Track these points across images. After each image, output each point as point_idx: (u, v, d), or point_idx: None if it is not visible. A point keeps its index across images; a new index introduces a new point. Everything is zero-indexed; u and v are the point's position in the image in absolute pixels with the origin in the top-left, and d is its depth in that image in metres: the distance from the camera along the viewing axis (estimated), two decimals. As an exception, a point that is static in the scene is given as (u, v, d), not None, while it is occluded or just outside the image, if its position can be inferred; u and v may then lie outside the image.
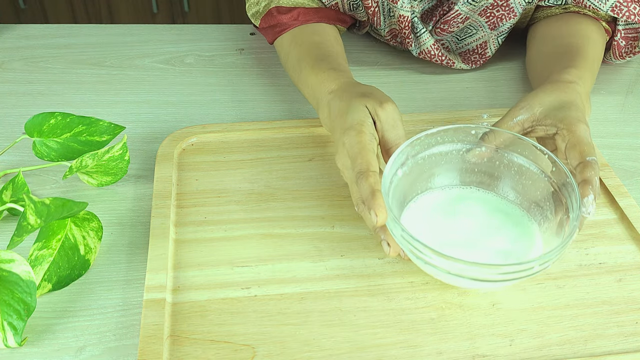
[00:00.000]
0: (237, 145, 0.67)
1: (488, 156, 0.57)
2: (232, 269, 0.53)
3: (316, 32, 0.74)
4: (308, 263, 0.54)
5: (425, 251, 0.46)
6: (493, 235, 0.53)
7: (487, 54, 0.83)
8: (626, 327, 0.49)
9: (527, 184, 0.56)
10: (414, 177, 0.56)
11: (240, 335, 0.48)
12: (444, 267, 0.47)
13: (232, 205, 0.59)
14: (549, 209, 0.53)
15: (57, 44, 0.88)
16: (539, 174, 0.55)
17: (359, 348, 0.47)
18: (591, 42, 0.72)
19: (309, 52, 0.70)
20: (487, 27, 0.80)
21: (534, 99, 0.60)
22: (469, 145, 0.57)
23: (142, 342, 0.46)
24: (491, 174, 0.58)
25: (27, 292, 0.47)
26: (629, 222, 0.58)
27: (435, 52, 0.80)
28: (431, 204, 0.56)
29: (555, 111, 0.58)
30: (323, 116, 0.62)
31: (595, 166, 0.53)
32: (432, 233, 0.53)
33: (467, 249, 0.52)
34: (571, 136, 0.55)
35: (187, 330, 0.48)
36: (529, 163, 0.56)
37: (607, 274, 0.54)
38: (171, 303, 0.50)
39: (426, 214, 0.55)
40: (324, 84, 0.63)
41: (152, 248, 0.54)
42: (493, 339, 0.48)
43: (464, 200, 0.57)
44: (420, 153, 0.56)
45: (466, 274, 0.46)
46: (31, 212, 0.47)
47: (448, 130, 0.56)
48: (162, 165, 0.63)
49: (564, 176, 0.52)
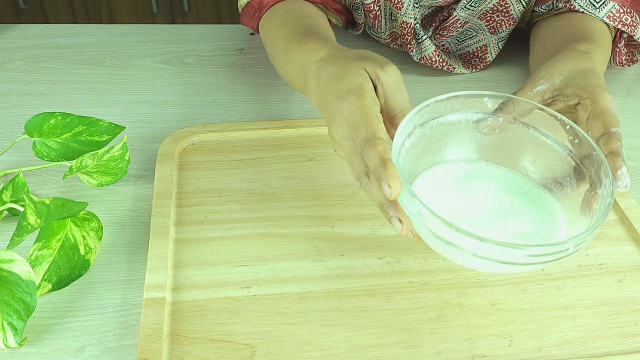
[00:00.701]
0: (238, 145, 0.67)
1: (500, 127, 0.52)
2: (232, 268, 0.53)
3: (305, 15, 0.69)
4: (308, 263, 0.54)
5: (447, 230, 0.41)
6: (511, 216, 0.49)
7: (488, 59, 0.83)
8: (626, 328, 0.49)
9: (546, 157, 0.51)
10: (420, 149, 0.51)
11: (240, 335, 0.48)
12: (468, 248, 0.42)
13: (233, 205, 0.60)
14: (569, 185, 0.49)
15: (57, 44, 0.88)
16: (558, 147, 0.50)
17: (358, 348, 0.47)
18: (597, 32, 0.70)
19: (296, 31, 0.64)
20: (487, 30, 0.80)
21: (552, 68, 0.57)
22: (482, 114, 0.52)
23: (142, 341, 0.46)
24: (504, 147, 0.53)
25: (27, 292, 0.47)
26: (630, 223, 0.58)
27: (437, 58, 0.80)
28: (440, 180, 0.51)
29: (577, 79, 0.55)
30: (311, 87, 0.55)
31: (620, 136, 0.50)
32: (443, 212, 0.44)
33: (483, 230, 0.45)
34: (594, 106, 0.52)
35: (186, 329, 0.48)
36: (546, 135, 0.51)
37: (607, 275, 0.54)
38: (171, 302, 0.50)
39: (435, 191, 0.50)
40: (311, 54, 0.57)
41: (152, 247, 0.54)
42: (492, 339, 0.48)
43: (477, 176, 0.52)
44: (429, 122, 0.50)
45: (495, 256, 0.41)
46: (31, 212, 0.47)
47: (459, 97, 0.51)
48: (163, 164, 0.63)
49: (588, 149, 0.47)
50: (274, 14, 0.72)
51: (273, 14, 0.72)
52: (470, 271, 0.54)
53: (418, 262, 0.54)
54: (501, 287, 0.52)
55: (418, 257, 0.55)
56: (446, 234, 0.42)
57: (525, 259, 0.42)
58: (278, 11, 0.71)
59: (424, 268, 0.54)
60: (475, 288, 0.52)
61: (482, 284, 0.53)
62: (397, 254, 0.55)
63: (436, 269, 0.54)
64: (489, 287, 0.52)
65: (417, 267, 0.54)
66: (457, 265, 0.54)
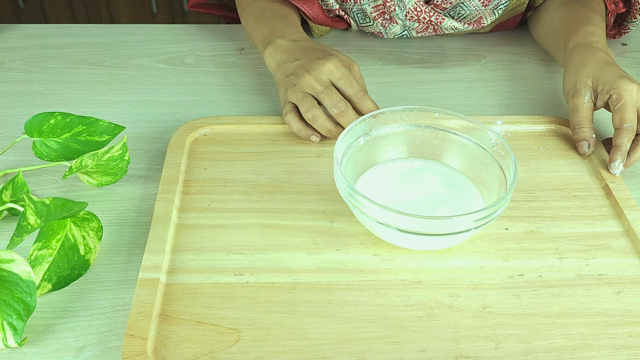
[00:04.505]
0: (249, 138, 0.68)
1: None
2: (228, 255, 0.54)
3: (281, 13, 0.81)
4: (303, 255, 0.55)
5: (376, 209, 0.50)
6: (438, 204, 0.57)
7: (483, 23, 0.84)
8: (618, 340, 0.48)
9: (463, 152, 0.61)
10: (363, 153, 0.60)
11: (228, 319, 0.49)
12: (394, 224, 0.50)
13: (236, 195, 0.61)
14: (485, 172, 0.59)
15: (57, 44, 0.88)
16: (472, 144, 0.60)
17: (343, 340, 0.48)
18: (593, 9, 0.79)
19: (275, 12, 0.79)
20: (481, 4, 0.81)
21: (579, 76, 0.67)
22: (410, 125, 0.62)
23: (131, 319, 0.47)
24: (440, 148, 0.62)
25: (27, 292, 0.47)
26: (635, 235, 0.57)
27: (422, 8, 0.81)
28: (381, 175, 0.61)
29: (601, 76, 0.66)
30: (280, 48, 0.71)
31: (631, 130, 0.63)
32: (384, 196, 0.57)
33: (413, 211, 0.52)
34: (618, 101, 0.64)
35: (176, 310, 0.49)
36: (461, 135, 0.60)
37: (606, 286, 0.53)
38: (165, 283, 0.51)
39: (376, 184, 0.59)
40: (291, 27, 0.74)
41: (153, 230, 0.55)
42: (479, 341, 0.48)
43: (422, 171, 0.61)
44: (373, 131, 0.61)
45: (416, 229, 0.50)
46: (31, 212, 0.47)
47: (405, 109, 0.61)
48: (173, 152, 0.64)
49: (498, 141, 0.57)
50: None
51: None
52: (465, 273, 0.53)
53: (413, 261, 0.54)
54: (494, 291, 0.52)
55: (414, 256, 0.55)
56: (375, 213, 0.50)
57: (443, 228, 0.50)
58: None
59: (418, 267, 0.54)
60: (468, 290, 0.52)
61: (475, 286, 0.52)
62: (393, 252, 0.55)
63: (431, 269, 0.54)
64: (482, 289, 0.52)
65: (412, 265, 0.54)
66: (453, 266, 0.54)
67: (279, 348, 0.47)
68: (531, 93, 0.80)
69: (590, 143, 0.65)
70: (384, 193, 0.58)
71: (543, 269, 0.54)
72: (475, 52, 0.89)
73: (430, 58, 0.87)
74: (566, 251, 0.56)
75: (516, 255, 0.55)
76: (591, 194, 0.62)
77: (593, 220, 0.59)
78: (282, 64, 0.70)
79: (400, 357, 0.47)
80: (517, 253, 0.55)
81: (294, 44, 0.71)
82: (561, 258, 0.55)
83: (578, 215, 0.59)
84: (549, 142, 0.69)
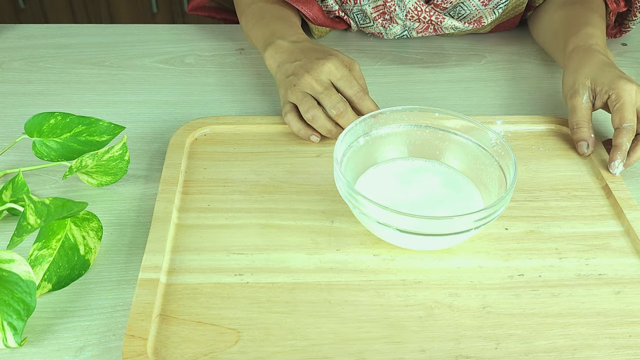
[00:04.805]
0: (249, 138, 0.68)
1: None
2: (228, 255, 0.54)
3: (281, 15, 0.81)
4: (303, 255, 0.55)
5: (375, 209, 0.50)
6: (437, 200, 0.57)
7: (483, 22, 0.84)
8: (618, 340, 0.48)
9: (463, 152, 0.61)
10: (363, 153, 0.61)
11: (228, 319, 0.49)
12: (394, 224, 0.50)
13: (236, 195, 0.61)
14: (485, 173, 0.59)
15: (57, 44, 0.88)
16: (472, 144, 0.60)
17: (342, 340, 0.48)
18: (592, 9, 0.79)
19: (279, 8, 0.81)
20: (481, 4, 0.81)
21: (578, 77, 0.68)
22: (410, 126, 0.62)
23: (132, 319, 0.47)
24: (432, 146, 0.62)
25: (27, 292, 0.46)
26: (635, 235, 0.57)
27: (422, 8, 0.81)
28: (380, 174, 0.61)
29: (599, 77, 0.66)
30: (281, 48, 0.71)
31: (630, 130, 0.63)
32: (384, 195, 0.57)
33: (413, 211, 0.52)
34: (617, 101, 0.64)
35: (176, 310, 0.49)
36: (461, 135, 0.60)
37: (606, 286, 0.53)
38: (165, 284, 0.51)
39: (376, 184, 0.59)
40: (292, 29, 0.74)
41: (153, 230, 0.55)
42: (479, 341, 0.48)
43: (422, 171, 0.61)
44: (373, 131, 0.61)
45: (415, 229, 0.50)
46: (31, 212, 0.47)
47: (405, 109, 0.61)
48: (173, 152, 0.64)
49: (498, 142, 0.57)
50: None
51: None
52: (465, 273, 0.53)
53: (413, 261, 0.54)
54: (494, 291, 0.52)
55: (414, 256, 0.55)
56: (375, 213, 0.51)
57: (443, 228, 0.50)
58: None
59: (419, 267, 0.54)
60: (468, 290, 0.52)
61: (475, 286, 0.52)
62: (393, 252, 0.55)
63: (431, 269, 0.54)
64: (482, 289, 0.52)
65: (412, 266, 0.54)
66: (453, 266, 0.54)
67: (279, 348, 0.47)
68: (531, 93, 0.80)
69: (589, 143, 0.65)
70: (384, 193, 0.58)
71: (543, 268, 0.54)
72: (475, 52, 0.89)
73: (430, 58, 0.87)
74: (566, 251, 0.56)
75: (516, 255, 0.55)
76: (591, 194, 0.62)
77: (593, 220, 0.59)
78: (283, 65, 0.70)
79: (400, 357, 0.47)
80: (517, 253, 0.55)
81: (294, 45, 0.71)
82: (561, 258, 0.55)
83: (578, 215, 0.60)
84: (549, 142, 0.69)
